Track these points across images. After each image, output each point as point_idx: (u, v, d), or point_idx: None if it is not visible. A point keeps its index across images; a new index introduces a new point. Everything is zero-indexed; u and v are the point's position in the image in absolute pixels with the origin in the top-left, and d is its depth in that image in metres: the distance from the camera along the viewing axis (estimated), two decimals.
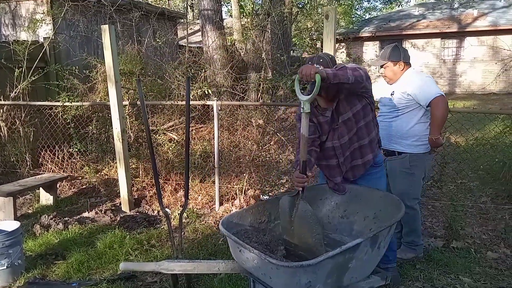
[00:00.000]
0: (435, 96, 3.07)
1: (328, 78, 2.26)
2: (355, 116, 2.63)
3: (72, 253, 3.68)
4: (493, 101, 13.95)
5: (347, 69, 2.42)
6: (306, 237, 2.32)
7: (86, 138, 5.91)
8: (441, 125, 3.14)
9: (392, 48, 3.28)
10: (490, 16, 17.21)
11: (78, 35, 8.14)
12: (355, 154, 2.74)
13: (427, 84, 3.15)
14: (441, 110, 3.09)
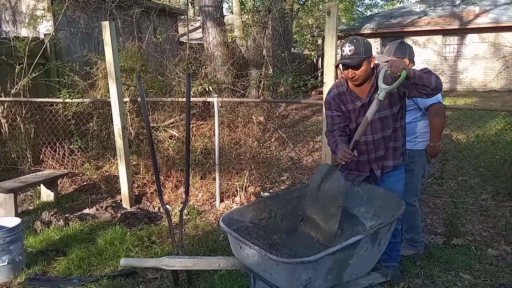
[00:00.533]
0: (432, 103, 3.08)
1: (414, 78, 2.39)
2: (393, 116, 2.71)
3: (73, 249, 3.69)
4: (494, 98, 13.92)
5: (432, 74, 2.51)
6: (328, 205, 2.51)
7: (87, 134, 5.91)
8: (440, 131, 3.16)
9: (398, 44, 3.27)
10: (491, 13, 17.14)
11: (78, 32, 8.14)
12: (387, 154, 2.79)
13: None
14: (438, 117, 3.11)
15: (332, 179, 2.57)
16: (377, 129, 2.72)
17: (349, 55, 2.54)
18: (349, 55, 2.54)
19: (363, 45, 2.55)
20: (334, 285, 2.22)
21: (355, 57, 2.53)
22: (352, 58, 2.53)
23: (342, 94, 2.74)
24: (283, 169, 5.55)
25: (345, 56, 2.55)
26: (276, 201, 2.82)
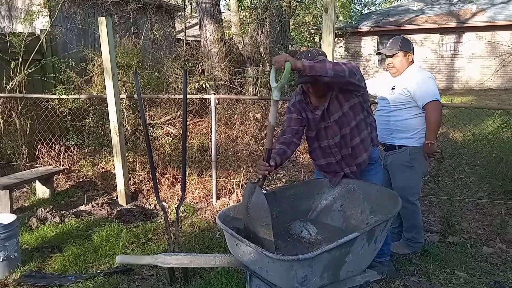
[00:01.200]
0: (430, 100, 3.08)
1: (304, 70, 2.20)
2: (346, 116, 2.63)
3: (69, 246, 3.68)
4: (491, 97, 13.97)
5: (326, 62, 2.38)
6: (257, 225, 2.33)
7: (83, 131, 5.88)
8: (436, 129, 3.15)
9: (403, 38, 3.25)
10: (488, 11, 17.18)
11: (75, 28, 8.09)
12: (351, 154, 2.74)
13: (427, 84, 3.12)
14: (434, 115, 3.10)
15: (252, 198, 2.34)
16: (335, 132, 2.66)
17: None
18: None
19: (319, 56, 2.51)
20: (330, 283, 2.22)
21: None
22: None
23: (302, 102, 2.73)
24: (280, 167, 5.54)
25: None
26: (272, 198, 2.80)
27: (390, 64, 3.27)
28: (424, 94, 3.09)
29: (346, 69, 2.39)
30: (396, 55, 3.21)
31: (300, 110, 2.72)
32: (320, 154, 2.81)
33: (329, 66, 2.30)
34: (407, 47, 3.21)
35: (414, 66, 3.28)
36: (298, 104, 2.73)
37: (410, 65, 3.25)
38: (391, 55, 3.23)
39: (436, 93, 3.11)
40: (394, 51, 3.21)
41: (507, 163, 4.42)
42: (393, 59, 3.23)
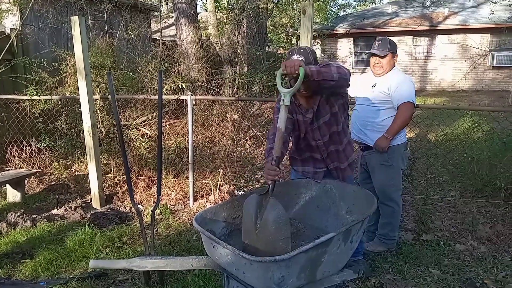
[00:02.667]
0: (405, 101, 3.16)
1: (312, 75, 2.18)
2: (335, 116, 2.67)
3: (40, 251, 3.58)
4: (462, 98, 14.37)
5: (331, 66, 2.35)
6: (273, 241, 2.11)
7: (55, 133, 5.74)
8: (399, 128, 3.22)
9: (390, 40, 3.34)
10: (460, 15, 17.66)
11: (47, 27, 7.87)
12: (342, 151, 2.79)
13: (405, 86, 3.21)
14: (404, 114, 3.18)
15: (267, 210, 2.15)
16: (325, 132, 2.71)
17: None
18: None
19: (312, 54, 2.51)
20: (307, 283, 2.22)
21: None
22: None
23: (292, 104, 2.67)
24: (258, 168, 5.55)
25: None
26: None
27: (379, 64, 3.32)
28: (402, 95, 3.16)
29: (347, 72, 2.41)
30: (385, 56, 3.29)
31: (291, 111, 2.70)
32: (305, 150, 2.85)
33: (334, 70, 2.29)
34: (394, 49, 3.33)
35: (396, 68, 3.36)
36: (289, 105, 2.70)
37: (393, 67, 3.33)
38: (382, 55, 3.29)
39: (412, 96, 3.18)
40: (384, 52, 3.28)
41: (478, 162, 4.55)
42: (382, 59, 3.30)
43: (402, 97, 3.17)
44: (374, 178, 3.45)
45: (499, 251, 3.59)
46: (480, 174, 4.59)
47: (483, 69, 16.64)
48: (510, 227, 3.90)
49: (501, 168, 4.23)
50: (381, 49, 3.30)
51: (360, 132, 3.41)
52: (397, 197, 3.43)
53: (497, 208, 4.25)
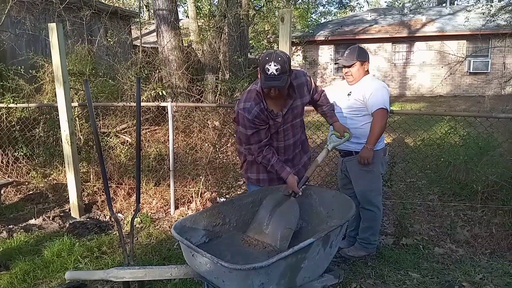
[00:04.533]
0: (378, 108, 3.20)
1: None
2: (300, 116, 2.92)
3: (17, 262, 3.49)
4: (441, 103, 14.66)
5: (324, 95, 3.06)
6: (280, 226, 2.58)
7: (33, 141, 5.61)
8: (378, 136, 3.26)
9: (359, 48, 3.35)
10: (437, 22, 18.10)
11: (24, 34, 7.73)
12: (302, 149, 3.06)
13: (379, 93, 3.25)
14: (379, 122, 3.22)
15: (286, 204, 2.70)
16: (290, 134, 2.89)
17: (275, 74, 2.45)
18: (276, 75, 2.45)
19: (287, 62, 2.52)
20: None
21: (283, 77, 2.49)
22: (280, 78, 2.48)
23: (263, 111, 2.69)
24: (240, 174, 5.53)
25: (271, 75, 2.46)
26: (230, 206, 2.79)
27: (348, 73, 3.37)
28: (375, 102, 3.20)
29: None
30: (353, 65, 3.32)
31: (264, 119, 2.71)
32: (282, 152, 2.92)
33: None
34: (363, 57, 3.33)
35: (369, 75, 3.39)
36: (261, 114, 2.67)
37: (366, 74, 3.36)
38: (349, 65, 3.32)
39: (385, 102, 3.23)
40: (351, 61, 3.31)
41: (455, 166, 4.64)
42: (350, 68, 3.33)
43: (375, 104, 3.21)
44: (355, 183, 3.48)
45: (476, 254, 3.65)
46: (457, 178, 4.67)
47: (460, 75, 17.05)
48: (487, 229, 3.98)
49: (477, 172, 4.32)
50: (348, 59, 3.34)
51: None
52: (378, 201, 3.47)
53: (474, 211, 4.34)
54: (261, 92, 2.66)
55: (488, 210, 4.23)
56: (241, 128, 2.74)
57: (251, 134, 2.70)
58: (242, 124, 2.71)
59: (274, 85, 2.51)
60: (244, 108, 2.66)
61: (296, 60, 18.15)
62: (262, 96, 2.67)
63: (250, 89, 2.77)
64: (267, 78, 2.49)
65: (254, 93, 2.69)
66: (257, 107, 2.66)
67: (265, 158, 2.78)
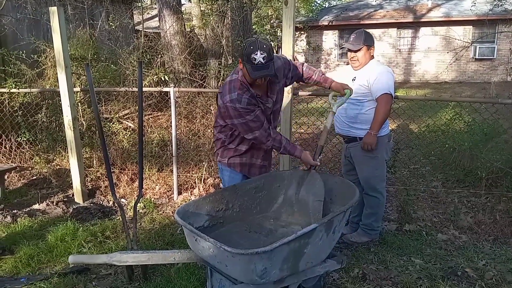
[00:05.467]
0: (383, 93, 3.16)
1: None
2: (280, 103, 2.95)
3: (21, 247, 3.51)
4: (446, 89, 14.54)
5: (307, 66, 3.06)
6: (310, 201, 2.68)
7: (36, 126, 5.61)
8: (382, 121, 3.23)
9: (365, 33, 3.30)
10: (443, 7, 17.82)
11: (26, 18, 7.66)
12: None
13: (384, 78, 3.20)
14: (383, 107, 3.18)
15: (309, 179, 2.78)
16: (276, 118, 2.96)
17: (263, 63, 2.43)
18: (264, 63, 2.43)
19: (271, 49, 2.49)
20: (290, 274, 2.23)
21: (270, 64, 2.47)
22: (268, 66, 2.46)
23: (253, 97, 2.64)
24: None
25: (259, 64, 2.43)
26: (233, 192, 2.79)
27: (354, 58, 3.31)
28: (380, 87, 3.16)
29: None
30: (360, 50, 3.27)
31: (256, 104, 2.68)
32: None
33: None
34: (369, 42, 3.28)
35: (374, 60, 3.34)
36: (252, 99, 2.64)
37: (371, 59, 3.31)
38: (355, 49, 3.27)
39: (390, 87, 3.18)
40: (358, 46, 3.26)
41: (460, 153, 4.61)
42: (357, 53, 3.28)
43: (379, 89, 3.17)
44: (359, 169, 3.46)
45: (479, 240, 3.65)
46: (461, 165, 4.65)
47: (465, 61, 16.86)
48: (490, 216, 3.97)
49: (482, 159, 4.29)
50: (355, 43, 3.28)
51: (344, 125, 3.42)
52: (382, 187, 3.46)
53: (478, 197, 4.32)
54: (244, 81, 2.60)
55: (492, 197, 4.21)
56: (236, 121, 2.63)
57: (251, 119, 2.61)
58: (237, 116, 2.61)
59: (264, 74, 2.48)
60: (232, 99, 2.58)
61: (300, 45, 17.98)
62: (247, 84, 2.62)
63: (230, 79, 2.68)
64: (255, 68, 2.45)
65: (238, 83, 2.62)
66: (245, 95, 2.60)
67: (276, 140, 2.73)
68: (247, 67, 2.48)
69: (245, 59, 2.48)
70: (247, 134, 2.69)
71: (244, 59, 2.49)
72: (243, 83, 2.61)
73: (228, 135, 2.85)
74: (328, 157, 5.50)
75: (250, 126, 2.63)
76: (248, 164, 2.94)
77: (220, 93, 2.71)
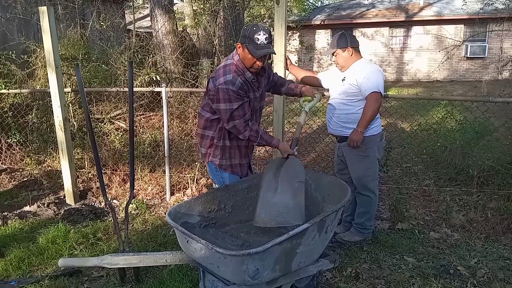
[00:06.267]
0: (372, 91, 3.16)
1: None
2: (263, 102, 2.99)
3: (12, 249, 3.47)
4: (437, 88, 14.61)
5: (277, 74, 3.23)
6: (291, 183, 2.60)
7: (26, 127, 5.55)
8: (369, 119, 3.22)
9: (339, 35, 3.33)
10: (435, 6, 17.91)
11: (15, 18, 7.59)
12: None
13: (373, 77, 3.20)
14: (372, 105, 3.18)
15: (288, 162, 2.76)
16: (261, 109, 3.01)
17: (265, 43, 2.56)
18: (266, 43, 2.56)
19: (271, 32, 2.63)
20: (283, 274, 2.22)
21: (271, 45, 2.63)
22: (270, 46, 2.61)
23: (246, 83, 2.69)
24: None
25: (262, 44, 2.55)
26: (225, 192, 2.78)
27: (335, 61, 3.39)
28: (369, 85, 3.17)
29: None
30: (335, 53, 3.31)
31: (247, 91, 2.71)
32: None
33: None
34: (343, 44, 3.29)
35: (362, 59, 3.34)
36: (244, 84, 2.67)
37: (356, 59, 3.31)
38: (331, 54, 3.32)
39: (379, 86, 3.19)
40: (332, 50, 3.33)
41: (451, 151, 4.63)
42: (335, 57, 3.34)
43: (368, 87, 3.17)
44: (351, 168, 3.47)
45: (471, 238, 3.67)
46: (453, 163, 4.67)
47: (457, 59, 16.96)
48: (482, 214, 3.99)
49: (473, 157, 4.31)
50: (329, 48, 3.38)
51: (336, 125, 3.42)
52: (374, 186, 3.46)
53: (470, 196, 4.34)
54: (240, 65, 2.67)
55: (484, 195, 4.24)
56: (223, 105, 2.63)
57: (236, 107, 2.61)
58: (226, 100, 2.61)
59: (268, 52, 2.58)
60: (226, 81, 2.60)
61: (292, 44, 17.98)
62: (243, 69, 2.68)
63: (225, 64, 2.71)
64: (259, 47, 2.54)
65: (233, 67, 2.66)
66: (241, 78, 2.65)
67: (253, 130, 2.72)
68: (249, 48, 2.56)
69: (246, 40, 2.56)
70: (227, 123, 2.68)
71: (245, 41, 2.57)
72: (238, 67, 2.66)
73: (216, 130, 2.83)
74: (321, 157, 5.50)
75: (233, 115, 2.64)
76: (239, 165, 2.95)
77: (212, 77, 2.71)
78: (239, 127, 2.68)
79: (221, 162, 2.90)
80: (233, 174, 2.94)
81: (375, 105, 3.18)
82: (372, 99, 3.17)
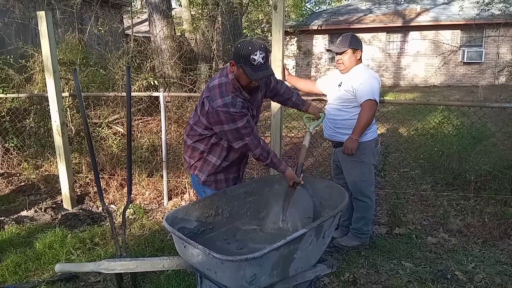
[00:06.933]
0: (367, 98, 3.17)
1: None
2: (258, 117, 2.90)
3: (8, 254, 3.45)
4: (434, 93, 14.67)
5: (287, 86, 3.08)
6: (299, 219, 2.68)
7: (24, 132, 5.54)
8: (364, 127, 3.23)
9: (352, 36, 3.30)
10: (432, 11, 18.03)
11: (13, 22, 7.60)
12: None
13: (369, 83, 3.20)
14: (367, 113, 3.18)
15: (296, 196, 2.80)
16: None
17: (262, 63, 2.35)
18: (263, 63, 2.35)
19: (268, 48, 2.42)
20: (280, 280, 2.22)
21: (268, 64, 2.42)
22: (268, 66, 2.41)
23: (246, 101, 2.54)
24: None
25: (259, 65, 2.34)
26: (223, 197, 2.77)
27: (339, 60, 3.33)
28: (364, 92, 3.17)
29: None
30: (345, 52, 3.27)
31: (249, 108, 2.61)
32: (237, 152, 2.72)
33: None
34: (355, 45, 3.28)
35: (361, 65, 3.35)
36: (245, 103, 2.54)
37: (358, 63, 3.32)
38: (340, 52, 3.28)
39: (374, 93, 3.19)
40: (343, 48, 3.27)
41: (449, 156, 4.65)
42: (342, 56, 3.29)
43: (364, 95, 3.17)
44: (346, 174, 3.47)
45: (469, 243, 3.68)
46: (450, 168, 4.69)
47: (454, 64, 17.05)
48: (479, 219, 4.00)
49: (470, 162, 4.33)
50: (340, 46, 3.29)
51: (331, 131, 3.43)
52: (370, 191, 3.47)
53: (467, 200, 4.36)
54: (236, 84, 2.48)
55: (481, 200, 4.25)
56: (227, 127, 2.45)
57: (242, 125, 2.45)
58: (229, 120, 2.43)
59: (267, 75, 2.41)
60: (226, 104, 2.42)
61: (290, 50, 18.04)
62: (239, 87, 2.50)
63: (219, 83, 2.50)
64: (256, 69, 2.34)
65: (230, 86, 2.48)
66: (239, 98, 2.48)
67: (264, 150, 2.58)
68: (245, 69, 2.35)
69: (241, 61, 2.35)
70: (236, 142, 2.52)
71: (240, 61, 2.36)
72: (235, 86, 2.48)
73: (208, 144, 2.67)
74: (319, 161, 5.51)
75: (241, 132, 2.48)
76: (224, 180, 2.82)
77: (206, 97, 2.50)
78: (250, 146, 2.54)
79: (206, 179, 2.76)
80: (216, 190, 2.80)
81: (369, 112, 3.18)
82: (367, 106, 3.17)
